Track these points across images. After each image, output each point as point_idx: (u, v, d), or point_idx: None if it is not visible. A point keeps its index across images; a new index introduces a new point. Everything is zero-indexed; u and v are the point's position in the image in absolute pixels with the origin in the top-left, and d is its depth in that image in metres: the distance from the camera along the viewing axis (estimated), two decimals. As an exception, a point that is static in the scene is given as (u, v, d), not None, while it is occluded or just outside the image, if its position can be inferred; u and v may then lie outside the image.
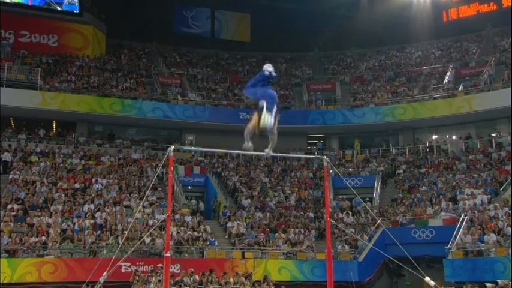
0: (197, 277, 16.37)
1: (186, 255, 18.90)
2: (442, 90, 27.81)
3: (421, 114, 26.94)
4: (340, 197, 24.43)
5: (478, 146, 25.95)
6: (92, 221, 19.04)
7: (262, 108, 7.22)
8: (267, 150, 7.76)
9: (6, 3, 28.78)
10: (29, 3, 29.63)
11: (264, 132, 7.28)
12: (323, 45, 34.94)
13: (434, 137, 28.44)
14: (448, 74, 29.06)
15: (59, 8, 30.22)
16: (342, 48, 35.72)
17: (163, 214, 19.23)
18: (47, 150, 23.67)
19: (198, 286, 16.03)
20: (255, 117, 7.34)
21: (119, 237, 17.72)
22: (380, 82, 31.12)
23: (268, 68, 7.71)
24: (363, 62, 34.49)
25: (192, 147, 22.99)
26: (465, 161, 24.78)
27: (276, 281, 17.36)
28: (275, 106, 7.34)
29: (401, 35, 33.59)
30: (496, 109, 25.06)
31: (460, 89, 27.40)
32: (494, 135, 26.65)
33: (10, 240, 17.20)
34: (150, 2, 33.48)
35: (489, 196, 21.14)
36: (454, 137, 27.91)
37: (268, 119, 7.13)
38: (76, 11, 30.60)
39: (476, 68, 28.97)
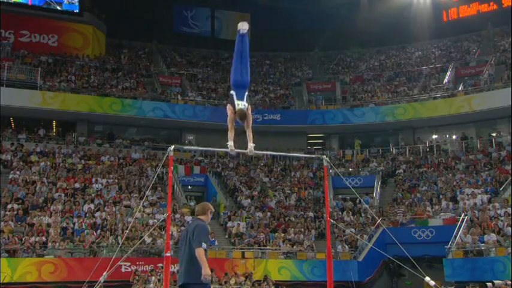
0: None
1: (186, 255, 18.86)
2: (442, 90, 27.81)
3: (421, 114, 26.92)
4: (340, 196, 24.42)
5: (478, 146, 25.94)
6: (92, 221, 19.05)
7: (232, 97, 7.68)
8: (249, 147, 7.90)
9: (6, 3, 28.75)
10: (29, 3, 29.59)
11: (243, 119, 7.62)
12: (323, 45, 34.90)
13: (434, 136, 28.42)
14: (448, 73, 29.05)
15: (58, 8, 30.20)
16: (342, 48, 35.66)
17: (164, 214, 19.22)
18: (47, 150, 23.66)
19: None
20: (230, 107, 7.71)
21: (119, 237, 17.72)
22: (380, 82, 31.11)
23: (242, 26, 7.76)
24: (363, 61, 34.47)
25: (192, 147, 23.05)
26: (465, 160, 24.79)
27: (276, 281, 17.36)
28: (246, 92, 7.74)
29: (401, 35, 33.53)
30: (496, 109, 25.02)
31: (460, 88, 27.40)
32: (494, 135, 26.63)
33: (10, 240, 17.20)
34: (150, 2, 33.46)
35: (489, 196, 21.14)
36: (454, 137, 27.91)
37: (240, 103, 7.62)
38: (76, 10, 30.58)
39: (476, 67, 28.91)
